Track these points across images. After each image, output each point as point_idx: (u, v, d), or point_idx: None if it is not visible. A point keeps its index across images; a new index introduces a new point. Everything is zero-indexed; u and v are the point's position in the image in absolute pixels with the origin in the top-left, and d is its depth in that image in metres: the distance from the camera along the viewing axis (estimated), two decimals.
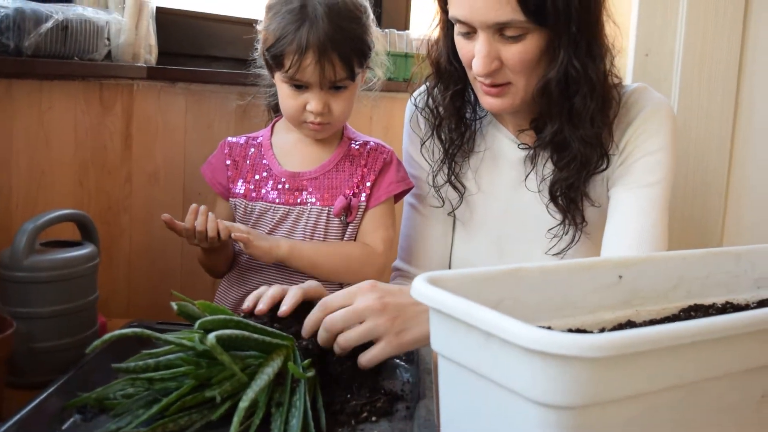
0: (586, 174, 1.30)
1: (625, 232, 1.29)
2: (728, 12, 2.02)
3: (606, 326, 0.82)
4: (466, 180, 1.45)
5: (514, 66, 1.22)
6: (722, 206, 2.10)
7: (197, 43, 1.87)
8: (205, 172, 1.50)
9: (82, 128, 1.55)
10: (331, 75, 1.33)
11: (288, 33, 1.32)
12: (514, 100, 1.28)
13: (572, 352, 0.55)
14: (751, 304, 0.92)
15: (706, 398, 0.66)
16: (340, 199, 1.42)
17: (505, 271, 0.79)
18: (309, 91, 1.36)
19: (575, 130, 1.26)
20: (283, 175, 1.44)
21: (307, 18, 1.32)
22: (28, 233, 1.08)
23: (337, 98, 1.38)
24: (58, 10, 1.41)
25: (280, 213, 1.43)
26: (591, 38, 1.22)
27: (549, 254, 1.38)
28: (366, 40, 1.39)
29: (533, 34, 1.19)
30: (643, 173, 1.31)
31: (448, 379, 0.72)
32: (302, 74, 1.33)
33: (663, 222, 1.30)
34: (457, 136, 1.41)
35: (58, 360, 1.08)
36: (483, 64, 1.21)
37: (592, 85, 1.23)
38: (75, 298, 1.12)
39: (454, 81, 1.37)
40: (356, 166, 1.46)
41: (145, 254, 1.72)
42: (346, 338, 0.99)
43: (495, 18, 1.17)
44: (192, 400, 0.86)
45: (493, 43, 1.21)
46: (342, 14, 1.34)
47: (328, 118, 1.39)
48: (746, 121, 2.06)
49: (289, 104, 1.39)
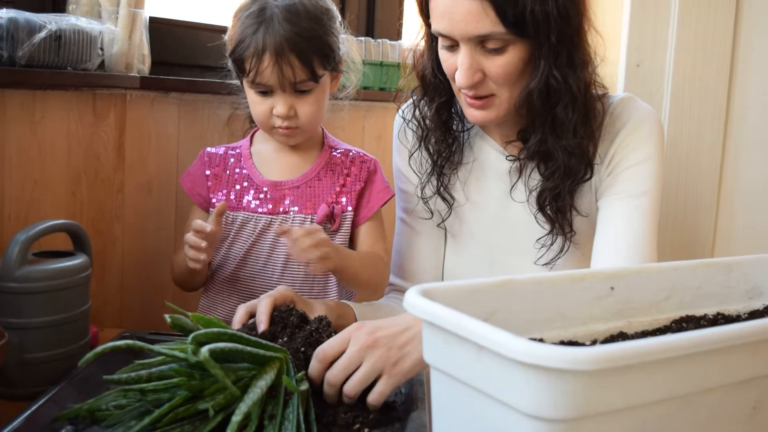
0: (571, 183, 1.30)
1: (614, 243, 1.30)
2: (719, 22, 2.03)
3: (598, 338, 0.82)
4: (455, 191, 1.45)
5: (497, 78, 1.23)
6: (713, 216, 2.11)
7: (190, 53, 1.87)
8: (184, 182, 1.50)
9: (75, 138, 1.55)
10: (290, 76, 1.33)
11: (246, 36, 1.33)
12: (498, 111, 1.28)
13: (564, 365, 0.55)
14: (743, 315, 0.92)
15: (699, 410, 0.67)
16: (322, 207, 1.42)
17: (497, 282, 0.79)
18: (273, 95, 1.37)
19: (558, 140, 1.26)
20: (265, 184, 1.44)
21: (264, 21, 1.33)
22: (21, 244, 1.08)
23: (302, 101, 1.38)
24: (51, 20, 1.41)
25: (262, 222, 1.43)
26: (571, 48, 1.22)
27: (538, 264, 1.38)
28: (327, 41, 1.38)
29: (514, 45, 1.20)
30: (631, 183, 1.31)
31: (441, 391, 0.72)
32: (261, 77, 1.33)
33: (652, 233, 1.30)
34: (445, 148, 1.41)
35: (49, 371, 1.08)
36: (465, 76, 1.22)
37: (572, 95, 1.23)
38: (67, 308, 1.12)
39: (440, 93, 1.37)
40: (338, 175, 1.46)
41: (138, 264, 1.72)
42: (351, 387, 0.97)
43: (475, 31, 1.18)
44: (184, 411, 0.86)
45: (475, 55, 1.21)
46: (300, 15, 1.34)
47: (295, 122, 1.39)
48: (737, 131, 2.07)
49: (256, 110, 1.39)
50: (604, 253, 1.30)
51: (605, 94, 1.35)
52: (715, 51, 2.04)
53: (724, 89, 2.06)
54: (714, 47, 2.04)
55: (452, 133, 1.43)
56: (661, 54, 2.03)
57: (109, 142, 1.62)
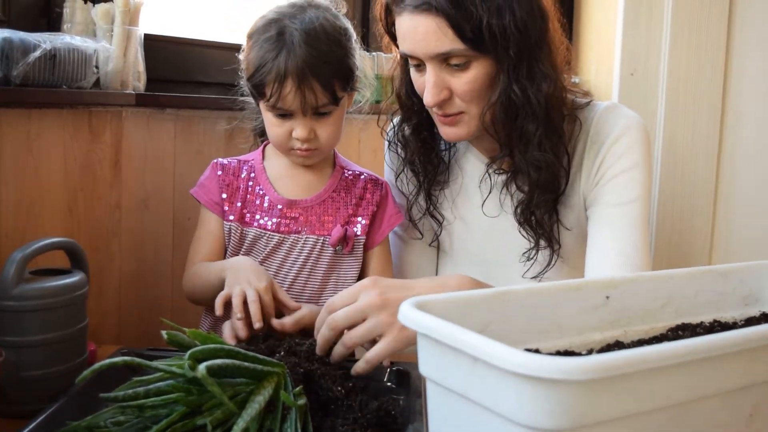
0: (548, 197, 1.30)
1: (606, 252, 1.29)
2: (712, 29, 2.03)
3: (594, 347, 0.82)
4: (444, 210, 1.46)
5: (464, 95, 1.24)
6: (710, 223, 2.11)
7: (185, 69, 1.88)
8: (198, 194, 1.45)
9: (71, 156, 1.55)
10: (312, 101, 1.31)
11: (266, 62, 1.31)
12: (469, 128, 1.29)
13: (558, 375, 0.55)
14: (739, 322, 0.92)
15: (696, 418, 0.67)
16: (337, 228, 1.40)
17: (492, 294, 0.79)
18: (293, 118, 1.34)
19: (524, 154, 1.26)
20: (279, 202, 1.42)
21: (284, 45, 1.30)
22: (17, 262, 1.08)
23: (322, 123, 1.36)
24: (46, 39, 1.41)
25: (274, 241, 1.40)
26: (531, 61, 1.22)
27: (525, 278, 1.38)
28: (347, 62, 1.37)
29: (477, 61, 1.21)
30: (620, 191, 1.31)
31: (437, 403, 0.72)
32: (283, 102, 1.31)
33: (643, 240, 1.30)
34: (431, 169, 1.42)
35: (47, 388, 1.08)
36: (432, 94, 1.23)
37: (532, 108, 1.23)
38: (64, 326, 1.12)
39: (416, 114, 1.39)
40: (351, 197, 1.45)
41: (136, 281, 1.72)
42: (350, 336, 0.99)
43: (435, 49, 1.20)
44: (182, 427, 0.86)
45: (440, 73, 1.23)
46: (320, 38, 1.32)
47: (315, 144, 1.37)
48: (732, 137, 2.07)
49: (275, 132, 1.37)
50: (596, 262, 1.30)
51: (589, 103, 1.35)
52: (709, 58, 2.05)
53: (718, 96, 2.06)
54: (707, 54, 2.04)
55: (435, 152, 1.43)
56: (654, 62, 2.04)
57: (105, 160, 1.63)
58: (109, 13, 1.60)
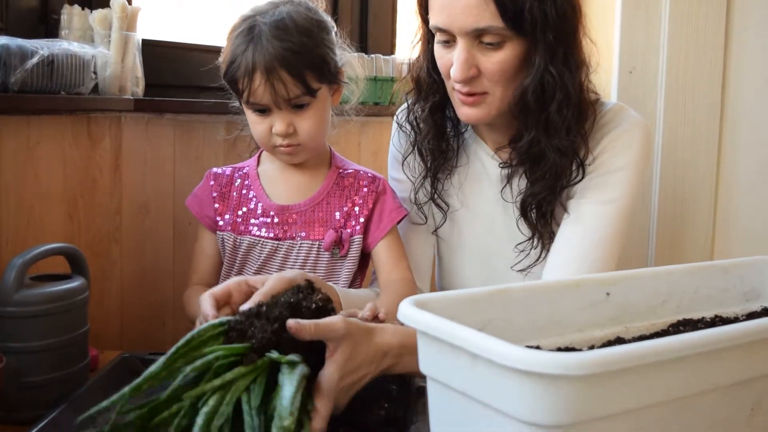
0: (560, 187, 1.30)
1: (569, 248, 1.29)
2: (710, 27, 2.03)
3: (595, 344, 0.82)
4: (449, 197, 1.45)
5: (492, 75, 1.23)
6: (711, 221, 2.10)
7: (184, 73, 1.88)
8: (191, 205, 1.46)
9: (70, 162, 1.56)
10: (283, 93, 1.30)
11: (236, 56, 1.31)
12: (490, 110, 1.28)
13: (557, 370, 0.55)
14: (741, 317, 0.92)
15: (696, 413, 0.66)
16: (329, 233, 1.39)
17: (493, 291, 0.79)
18: (271, 113, 1.34)
19: (551, 139, 1.26)
20: (272, 208, 1.41)
21: (252, 39, 1.30)
22: (17, 268, 1.08)
23: (301, 117, 1.35)
24: (43, 45, 1.41)
25: (268, 248, 1.40)
26: (567, 48, 1.23)
27: (514, 270, 1.38)
28: (320, 53, 1.35)
29: (511, 42, 1.21)
30: (601, 190, 1.30)
31: (438, 401, 0.72)
32: (255, 96, 1.31)
33: (612, 241, 1.29)
34: (439, 153, 1.42)
35: (48, 394, 1.08)
36: (461, 70, 1.22)
37: (567, 93, 1.23)
38: (65, 331, 1.12)
39: (433, 92, 1.38)
40: (346, 198, 1.43)
41: (137, 286, 1.72)
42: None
43: (474, 24, 1.19)
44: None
45: (471, 50, 1.22)
46: (289, 30, 1.31)
47: (296, 139, 1.36)
48: (732, 134, 2.07)
49: (256, 130, 1.37)
50: (555, 257, 1.30)
51: (597, 100, 1.35)
52: (708, 55, 2.05)
53: (717, 92, 2.06)
54: (706, 51, 2.04)
55: (446, 137, 1.43)
56: (653, 60, 2.04)
57: (104, 165, 1.63)
58: (106, 19, 1.60)
